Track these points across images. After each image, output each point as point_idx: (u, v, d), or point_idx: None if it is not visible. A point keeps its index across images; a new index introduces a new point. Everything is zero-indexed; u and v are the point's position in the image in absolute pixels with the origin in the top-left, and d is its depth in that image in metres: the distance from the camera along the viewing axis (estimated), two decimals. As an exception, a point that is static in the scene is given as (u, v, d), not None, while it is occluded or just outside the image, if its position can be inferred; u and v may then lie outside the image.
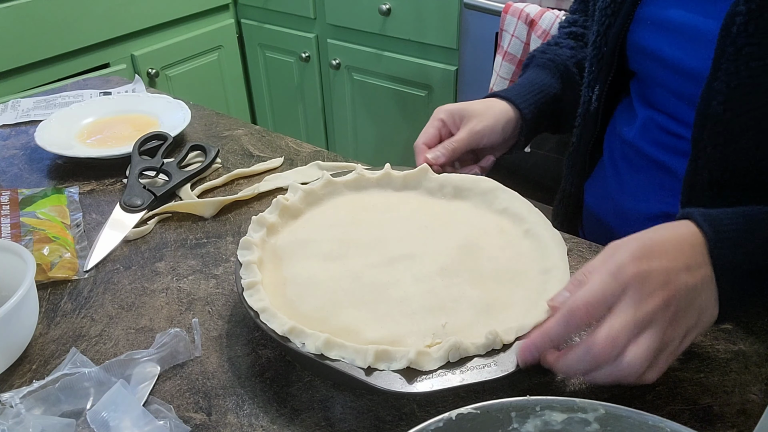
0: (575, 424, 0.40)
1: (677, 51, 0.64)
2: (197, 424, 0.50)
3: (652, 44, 0.67)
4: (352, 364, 0.48)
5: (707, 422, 0.49)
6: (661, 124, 0.69)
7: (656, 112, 0.70)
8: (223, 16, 2.12)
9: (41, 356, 0.57)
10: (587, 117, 0.77)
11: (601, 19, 0.71)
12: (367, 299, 0.55)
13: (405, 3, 1.72)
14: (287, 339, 0.50)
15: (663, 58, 0.66)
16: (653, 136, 0.70)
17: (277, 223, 0.64)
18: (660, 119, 0.70)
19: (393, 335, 0.51)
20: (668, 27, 0.64)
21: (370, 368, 0.48)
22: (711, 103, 0.59)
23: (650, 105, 0.72)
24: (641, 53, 0.69)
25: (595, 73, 0.74)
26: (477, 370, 0.48)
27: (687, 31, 0.62)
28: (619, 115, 0.78)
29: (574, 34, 0.84)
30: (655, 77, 0.69)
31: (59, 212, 0.75)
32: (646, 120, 0.71)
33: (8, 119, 1.01)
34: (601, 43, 0.71)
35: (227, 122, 1.00)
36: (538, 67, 0.81)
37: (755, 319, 0.58)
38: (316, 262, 0.59)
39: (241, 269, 0.56)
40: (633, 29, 0.69)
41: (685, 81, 0.64)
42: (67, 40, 1.71)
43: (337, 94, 2.04)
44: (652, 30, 0.66)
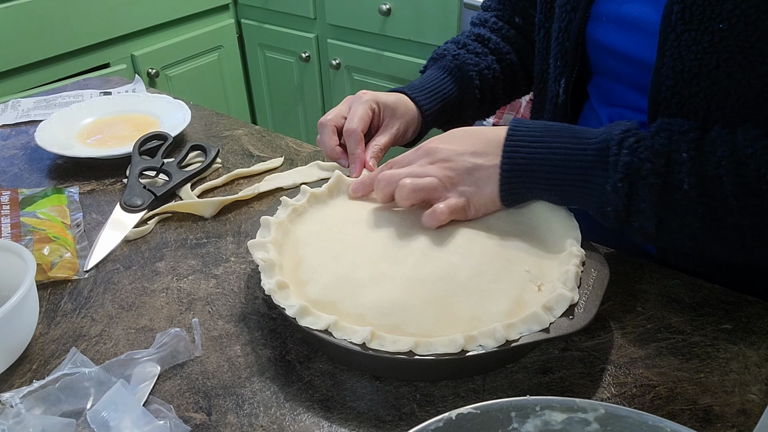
0: (575, 424, 0.40)
1: (629, 43, 0.66)
2: (197, 424, 0.50)
3: (608, 39, 0.69)
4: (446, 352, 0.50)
5: (707, 422, 0.49)
6: (626, 117, 0.70)
7: (619, 107, 0.73)
8: (223, 16, 2.12)
9: (41, 356, 0.57)
10: (557, 110, 0.79)
11: (561, 15, 0.73)
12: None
13: (405, 3, 1.72)
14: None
15: (617, 51, 0.68)
16: None
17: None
18: (624, 113, 0.72)
19: None
20: (620, 21, 0.67)
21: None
22: (660, 88, 0.61)
23: (610, 102, 0.74)
24: (599, 48, 0.71)
25: (561, 67, 0.76)
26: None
27: (637, 23, 0.65)
28: (586, 115, 0.80)
29: (481, 38, 0.86)
30: (613, 72, 0.72)
31: (59, 212, 0.75)
32: (611, 116, 0.73)
33: (8, 119, 1.01)
34: (563, 39, 0.74)
35: (227, 122, 1.00)
36: (444, 71, 0.82)
37: (755, 319, 0.58)
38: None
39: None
40: (590, 26, 0.71)
41: (639, 72, 0.66)
42: (67, 40, 1.71)
43: (337, 94, 2.04)
44: (606, 25, 0.69)
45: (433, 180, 0.61)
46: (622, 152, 0.55)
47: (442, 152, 0.63)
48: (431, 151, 0.64)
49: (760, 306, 0.60)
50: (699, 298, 0.61)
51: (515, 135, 0.61)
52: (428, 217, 0.61)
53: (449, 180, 0.62)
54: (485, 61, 0.84)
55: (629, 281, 0.63)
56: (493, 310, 0.53)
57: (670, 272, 0.64)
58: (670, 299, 0.61)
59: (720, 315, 0.59)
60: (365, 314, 0.53)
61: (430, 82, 0.81)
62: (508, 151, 0.60)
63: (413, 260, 0.58)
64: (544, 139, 0.59)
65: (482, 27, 0.88)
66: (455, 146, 0.63)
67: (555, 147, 0.59)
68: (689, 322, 0.58)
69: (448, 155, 0.62)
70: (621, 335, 0.57)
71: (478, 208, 0.62)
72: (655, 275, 0.64)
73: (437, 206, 0.61)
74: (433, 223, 0.61)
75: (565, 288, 0.53)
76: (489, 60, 0.84)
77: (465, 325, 0.52)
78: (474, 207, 0.62)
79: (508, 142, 0.60)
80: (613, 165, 0.56)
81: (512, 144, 0.60)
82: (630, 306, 0.60)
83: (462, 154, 0.62)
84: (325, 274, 0.57)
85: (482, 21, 0.89)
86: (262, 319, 0.61)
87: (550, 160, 0.58)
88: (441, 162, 0.62)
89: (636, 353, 0.55)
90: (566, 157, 0.58)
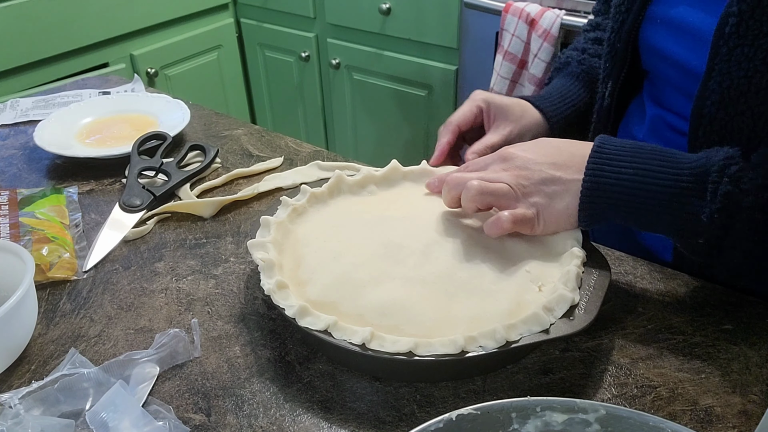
0: (576, 425, 0.40)
1: (681, 49, 0.64)
2: (196, 425, 0.50)
3: (660, 42, 0.67)
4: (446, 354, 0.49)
5: (708, 423, 0.49)
6: (670, 122, 0.70)
7: (665, 110, 0.71)
8: (222, 16, 2.12)
9: (40, 357, 0.57)
10: (601, 113, 0.77)
11: (616, 16, 0.72)
12: None
13: (405, 2, 1.72)
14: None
15: (669, 56, 0.66)
16: (662, 134, 0.71)
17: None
18: (669, 117, 0.70)
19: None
20: (674, 25, 0.65)
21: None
22: (706, 102, 0.59)
23: (659, 104, 0.72)
24: (651, 51, 0.70)
25: (609, 69, 0.74)
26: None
27: (690, 30, 0.63)
28: (631, 114, 0.78)
29: (599, 40, 0.84)
30: (663, 75, 0.70)
31: (58, 212, 0.74)
32: (655, 118, 0.72)
33: (7, 119, 1.01)
34: (615, 40, 0.72)
35: (227, 122, 1.00)
36: (572, 77, 0.80)
37: (756, 320, 0.58)
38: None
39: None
40: (644, 27, 0.69)
41: (688, 79, 0.64)
42: (66, 40, 1.71)
43: (337, 93, 2.04)
44: (660, 28, 0.67)
45: (503, 186, 0.58)
46: (723, 180, 0.51)
47: (519, 159, 0.59)
48: (508, 156, 0.60)
49: (761, 306, 0.60)
50: (700, 299, 0.61)
51: (602, 151, 0.56)
52: (490, 225, 0.58)
53: (521, 189, 0.58)
54: None
55: (630, 282, 0.63)
56: (493, 310, 0.53)
57: (671, 272, 0.64)
58: (671, 300, 0.61)
59: (721, 315, 0.59)
60: (365, 314, 0.53)
61: (557, 90, 0.79)
62: (593, 168, 0.55)
63: (413, 260, 0.58)
64: (633, 158, 0.55)
65: (597, 30, 0.86)
66: (534, 155, 0.59)
67: (645, 168, 0.54)
68: (690, 323, 0.58)
69: (525, 163, 0.58)
70: (622, 336, 0.57)
71: (548, 222, 0.58)
72: (656, 275, 0.64)
73: (502, 214, 0.57)
74: (494, 232, 0.58)
75: (566, 289, 0.53)
76: None
77: (465, 325, 0.52)
78: (543, 221, 0.58)
79: (593, 158, 0.56)
80: (711, 193, 0.51)
81: (598, 161, 0.55)
82: (631, 306, 0.60)
83: (540, 163, 0.58)
84: (324, 274, 0.57)
85: (594, 26, 0.87)
86: (261, 319, 0.61)
87: (638, 182, 0.54)
88: (516, 169, 0.58)
89: (637, 354, 0.55)
90: (657, 180, 0.53)
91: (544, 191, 0.58)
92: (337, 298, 0.55)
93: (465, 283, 0.55)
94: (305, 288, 0.56)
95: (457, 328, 0.51)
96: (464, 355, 0.49)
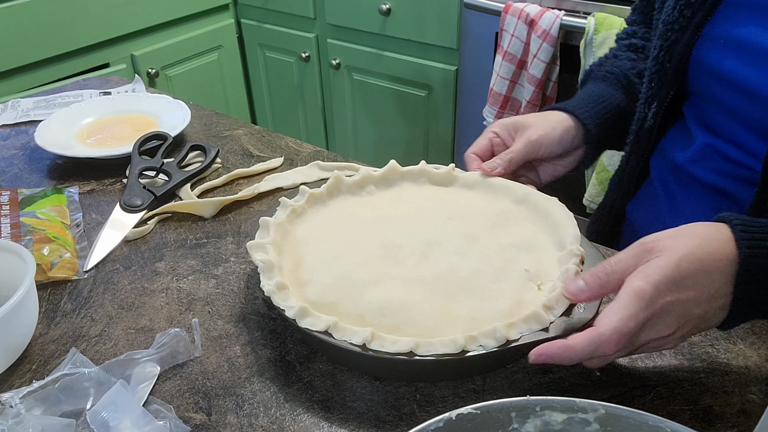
0: (575, 425, 0.40)
1: (749, 73, 0.60)
2: (197, 425, 0.50)
3: (722, 64, 0.62)
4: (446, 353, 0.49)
5: (707, 422, 0.49)
6: (723, 151, 0.65)
7: (717, 138, 0.66)
8: (222, 16, 2.12)
9: (41, 356, 0.57)
10: (641, 134, 0.73)
11: (666, 34, 0.67)
12: None
13: (405, 3, 1.72)
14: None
15: (732, 80, 0.62)
16: (714, 163, 0.67)
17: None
18: (722, 146, 0.66)
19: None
20: (741, 46, 0.61)
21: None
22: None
23: (710, 130, 0.67)
24: (707, 73, 0.65)
25: (655, 89, 0.70)
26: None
27: (762, 52, 0.58)
28: (671, 137, 0.74)
29: (635, 47, 0.80)
30: (719, 100, 0.65)
31: (59, 212, 0.75)
32: (705, 147, 0.67)
33: (8, 119, 1.01)
34: (664, 59, 0.68)
35: (227, 122, 1.00)
36: (596, 80, 0.77)
37: (756, 320, 0.58)
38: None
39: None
40: (700, 46, 0.65)
41: (754, 105, 0.60)
42: (67, 40, 1.71)
43: (337, 94, 2.04)
44: (722, 49, 0.62)
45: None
46: None
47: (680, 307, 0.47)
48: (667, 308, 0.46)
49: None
50: (699, 298, 0.61)
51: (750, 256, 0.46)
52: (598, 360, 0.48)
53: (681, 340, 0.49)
54: (643, 65, 0.76)
55: (629, 281, 0.63)
56: (493, 309, 0.53)
57: (671, 272, 0.64)
58: (671, 299, 0.61)
59: (720, 315, 0.59)
60: (365, 315, 0.53)
61: (586, 95, 0.74)
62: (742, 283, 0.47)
63: (413, 260, 0.58)
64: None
65: (633, 38, 0.82)
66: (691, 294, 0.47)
67: None
68: (689, 322, 0.58)
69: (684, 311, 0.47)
70: (621, 335, 0.57)
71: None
72: (656, 275, 0.64)
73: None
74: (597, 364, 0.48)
75: None
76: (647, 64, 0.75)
77: (465, 325, 0.52)
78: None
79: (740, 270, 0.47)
80: None
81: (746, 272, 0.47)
82: (630, 306, 0.60)
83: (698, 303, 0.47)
84: (324, 275, 0.57)
85: (630, 34, 0.83)
86: (261, 319, 0.61)
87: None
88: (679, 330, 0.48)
89: (636, 353, 0.55)
90: None
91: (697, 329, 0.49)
92: (336, 299, 0.55)
93: (464, 282, 0.56)
94: (305, 289, 0.56)
95: (456, 327, 0.52)
96: (464, 354, 0.49)
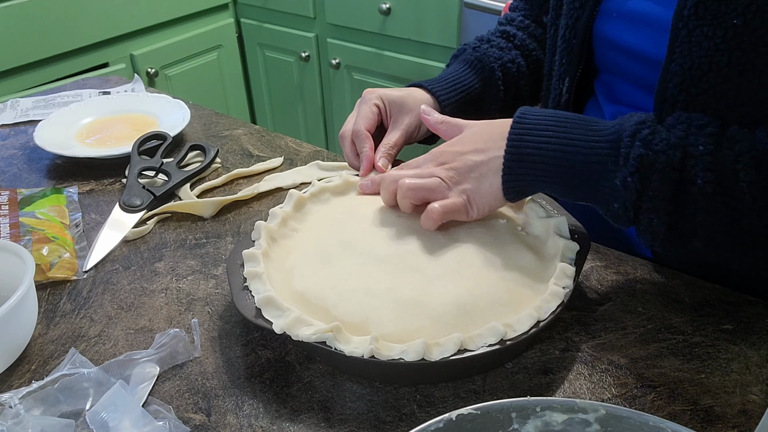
0: (576, 425, 0.40)
1: (639, 39, 0.65)
2: (197, 425, 0.50)
3: (617, 35, 0.68)
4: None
5: (708, 423, 0.49)
6: None
7: (623, 106, 0.72)
8: (222, 16, 2.12)
9: (40, 357, 0.57)
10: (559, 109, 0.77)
11: (570, 12, 0.72)
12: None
13: (405, 2, 1.72)
14: None
15: (626, 48, 0.67)
16: None
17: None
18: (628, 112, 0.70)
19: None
20: (630, 17, 0.66)
21: None
22: (667, 86, 0.60)
23: (616, 100, 0.73)
24: (607, 45, 0.70)
25: (566, 65, 0.75)
26: None
27: (647, 20, 0.64)
28: (588, 112, 0.79)
29: (507, 34, 0.85)
30: (620, 69, 0.71)
31: (58, 212, 0.74)
32: (614, 114, 0.72)
33: (7, 119, 1.01)
34: (570, 36, 0.73)
35: (227, 122, 1.00)
36: (465, 64, 0.81)
37: (756, 320, 0.58)
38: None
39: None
40: (598, 22, 0.70)
41: (647, 69, 0.65)
42: (67, 40, 1.71)
43: (337, 93, 2.04)
44: (616, 21, 0.68)
45: (434, 180, 0.60)
46: (635, 144, 0.52)
47: (448, 155, 0.62)
48: (438, 154, 0.63)
49: (760, 306, 0.60)
50: (700, 299, 0.61)
51: (522, 124, 0.58)
52: (424, 218, 0.60)
53: (451, 180, 0.60)
54: (509, 55, 0.82)
55: (630, 282, 0.63)
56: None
57: (671, 272, 0.64)
58: (671, 300, 0.61)
59: (721, 315, 0.59)
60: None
61: (449, 75, 0.80)
62: (513, 140, 0.57)
63: (408, 263, 0.57)
64: (553, 128, 0.56)
65: (508, 25, 0.87)
66: (460, 146, 0.62)
67: (565, 137, 0.56)
68: (690, 323, 0.58)
69: (453, 156, 0.61)
70: (622, 336, 0.57)
71: (481, 206, 0.60)
72: (656, 275, 0.64)
73: (432, 205, 0.59)
74: (428, 225, 0.60)
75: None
76: (513, 54, 0.83)
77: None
78: (476, 205, 0.60)
79: (513, 131, 0.57)
80: (624, 158, 0.53)
81: (518, 133, 0.57)
82: (631, 306, 0.60)
83: (465, 153, 0.61)
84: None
85: (509, 20, 0.89)
86: (261, 319, 0.61)
87: (558, 151, 0.55)
88: (445, 163, 0.62)
89: (637, 354, 0.55)
90: (576, 149, 0.55)
91: (471, 177, 0.60)
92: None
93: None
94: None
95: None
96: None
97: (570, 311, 0.60)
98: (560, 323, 0.58)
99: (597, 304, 0.60)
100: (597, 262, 0.66)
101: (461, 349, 0.49)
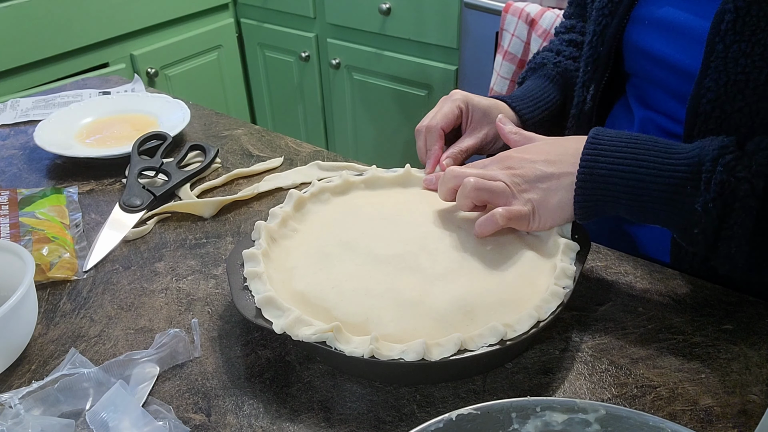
0: (576, 425, 0.40)
1: (671, 49, 0.64)
2: (197, 425, 0.50)
3: (648, 43, 0.67)
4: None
5: (708, 423, 0.49)
6: (659, 123, 0.70)
7: (653, 112, 0.71)
8: (222, 16, 2.12)
9: (40, 357, 0.57)
10: (581, 117, 0.77)
11: (598, 19, 0.72)
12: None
13: (405, 2, 1.72)
14: None
15: (658, 57, 0.66)
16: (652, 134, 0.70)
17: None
18: (658, 119, 0.70)
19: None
20: (663, 26, 0.65)
21: None
22: (701, 101, 0.59)
23: (647, 105, 0.72)
24: (638, 53, 0.69)
25: (591, 73, 0.74)
26: None
27: (680, 30, 0.63)
28: (617, 116, 0.79)
29: (574, 43, 0.84)
30: (651, 76, 0.70)
31: (58, 212, 0.74)
32: (644, 120, 0.72)
33: (7, 119, 1.01)
34: (597, 43, 0.72)
35: (227, 122, 1.00)
36: (547, 79, 0.81)
37: (756, 320, 0.58)
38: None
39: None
40: (629, 29, 0.69)
41: (679, 79, 0.64)
42: (67, 40, 1.71)
43: (337, 93, 2.04)
44: (648, 29, 0.67)
45: (500, 183, 0.58)
46: (717, 170, 0.51)
47: (515, 160, 0.60)
48: (505, 158, 0.61)
49: (761, 306, 0.60)
50: (700, 299, 0.61)
51: (596, 144, 0.56)
52: (484, 222, 0.58)
53: (517, 186, 0.59)
54: None
55: (630, 282, 0.63)
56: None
57: (671, 272, 0.64)
58: (671, 300, 0.61)
59: (721, 315, 0.59)
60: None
61: (532, 91, 0.79)
62: (587, 160, 0.56)
63: (409, 263, 0.57)
64: (628, 150, 0.55)
65: (572, 32, 0.86)
66: (530, 155, 0.60)
67: (640, 160, 0.54)
68: (690, 323, 0.58)
69: (521, 163, 0.60)
70: (622, 335, 0.57)
71: (544, 219, 0.58)
72: (656, 275, 0.64)
73: (496, 210, 0.57)
74: (487, 229, 0.58)
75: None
76: None
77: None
78: (539, 217, 0.58)
79: (587, 150, 0.56)
80: (706, 183, 0.51)
81: (592, 153, 0.56)
82: (631, 306, 0.60)
83: (535, 162, 0.59)
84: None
85: (568, 28, 0.88)
86: (261, 319, 0.61)
87: (633, 173, 0.54)
88: (512, 168, 0.60)
89: (637, 354, 0.55)
90: (653, 171, 0.53)
91: (539, 187, 0.58)
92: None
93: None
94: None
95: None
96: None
97: (570, 311, 0.60)
98: (560, 323, 0.58)
99: (597, 304, 0.60)
100: (597, 262, 0.66)
101: (461, 349, 0.49)
